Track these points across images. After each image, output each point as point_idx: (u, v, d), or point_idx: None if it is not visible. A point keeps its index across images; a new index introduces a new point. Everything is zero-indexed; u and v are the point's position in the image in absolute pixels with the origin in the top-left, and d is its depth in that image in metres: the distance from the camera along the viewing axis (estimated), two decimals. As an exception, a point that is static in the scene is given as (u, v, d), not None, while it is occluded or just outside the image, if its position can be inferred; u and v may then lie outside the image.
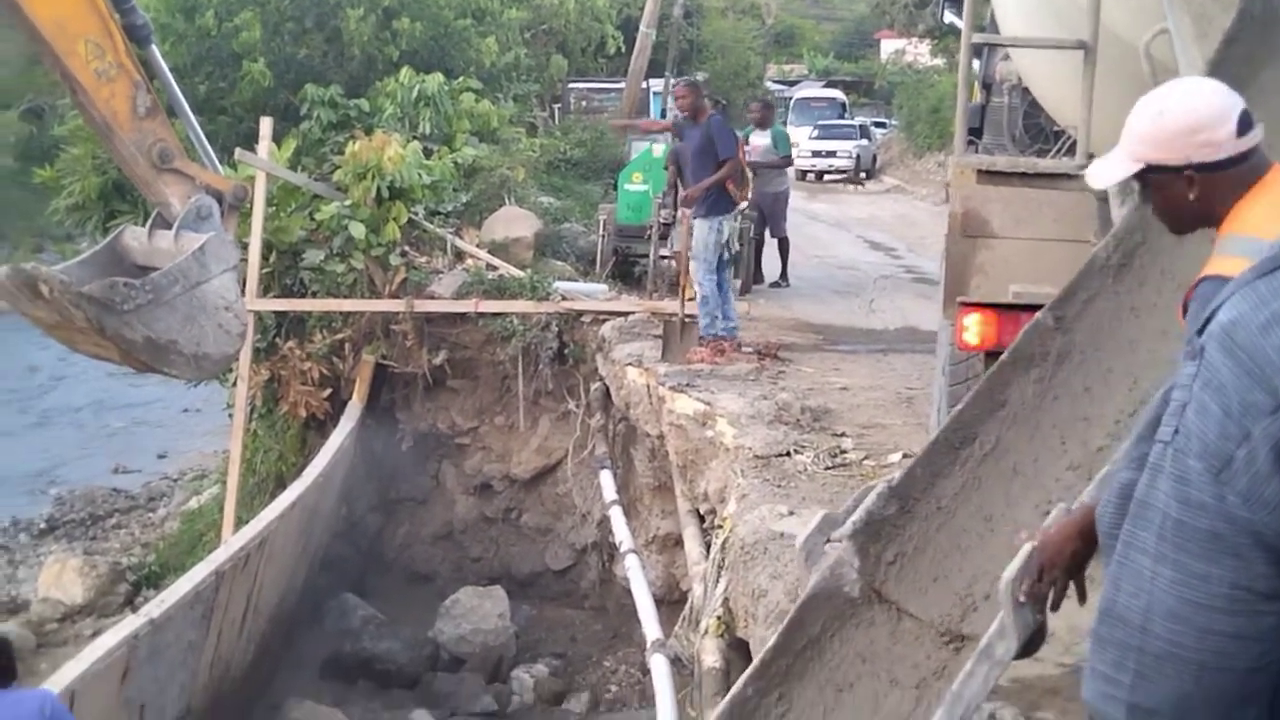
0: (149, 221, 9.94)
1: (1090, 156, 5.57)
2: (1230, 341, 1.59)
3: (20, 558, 15.70)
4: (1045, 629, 3.23)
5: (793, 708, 3.71)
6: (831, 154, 35.91)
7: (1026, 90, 7.60)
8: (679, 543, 10.50)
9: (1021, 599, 3.05)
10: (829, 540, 3.86)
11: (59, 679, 7.19)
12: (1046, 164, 6.02)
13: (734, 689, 3.77)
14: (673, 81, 16.61)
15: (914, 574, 3.83)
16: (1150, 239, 4.20)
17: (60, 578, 14.07)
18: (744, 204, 12.28)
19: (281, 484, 12.95)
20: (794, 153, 19.02)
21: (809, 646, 3.78)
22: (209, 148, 10.41)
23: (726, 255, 11.45)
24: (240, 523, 11.77)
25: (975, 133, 8.04)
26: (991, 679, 3.22)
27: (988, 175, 5.79)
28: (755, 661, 3.80)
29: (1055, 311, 4.13)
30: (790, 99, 43.70)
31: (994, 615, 3.29)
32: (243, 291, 11.29)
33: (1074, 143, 6.10)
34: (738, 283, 14.65)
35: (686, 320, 11.26)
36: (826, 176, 35.40)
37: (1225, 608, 1.50)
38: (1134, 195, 4.26)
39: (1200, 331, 1.69)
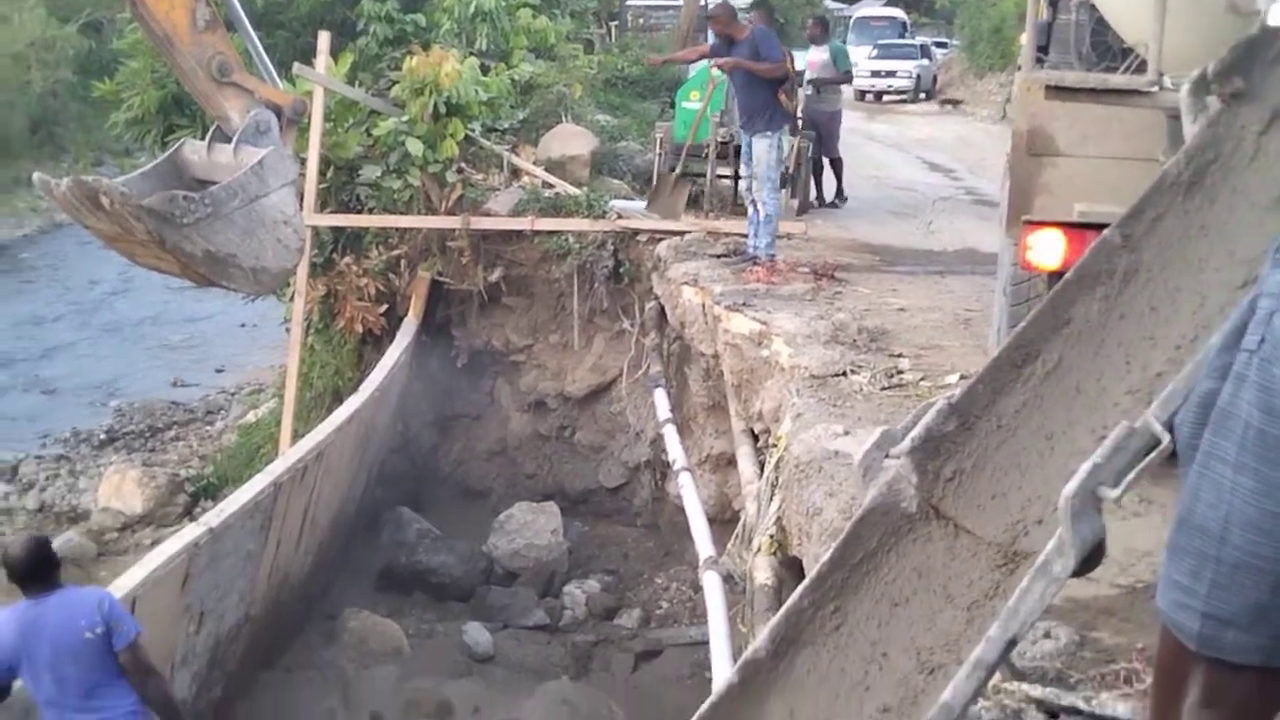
0: (208, 135, 10.01)
1: (1160, 74, 5.46)
2: None
3: (81, 468, 15.96)
4: (1104, 547, 3.21)
5: (847, 620, 3.71)
6: (891, 74, 35.43)
7: (1094, 7, 7.42)
8: (732, 462, 10.53)
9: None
10: (887, 456, 3.84)
11: (120, 584, 7.33)
12: (1118, 80, 5.89)
13: (789, 601, 3.77)
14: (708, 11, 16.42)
15: (972, 491, 3.81)
16: (1222, 157, 4.11)
17: (120, 488, 14.32)
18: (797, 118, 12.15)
19: (338, 399, 13.06)
20: (853, 72, 18.75)
21: (865, 561, 3.76)
22: (268, 62, 10.43)
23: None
24: (297, 436, 11.90)
25: (1042, 50, 7.89)
26: (1048, 596, 3.20)
27: (1055, 91, 5.68)
28: (811, 574, 3.80)
29: (1123, 229, 4.05)
30: (850, 18, 43.07)
31: (1051, 534, 3.27)
32: (300, 206, 11.33)
33: (1143, 61, 5.96)
34: (794, 203, 14.59)
35: (681, 177, 11.19)
36: (886, 97, 34.94)
37: None
38: (1206, 112, 4.17)
39: None
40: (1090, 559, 3.20)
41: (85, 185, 8.67)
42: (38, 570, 5.92)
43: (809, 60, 15.25)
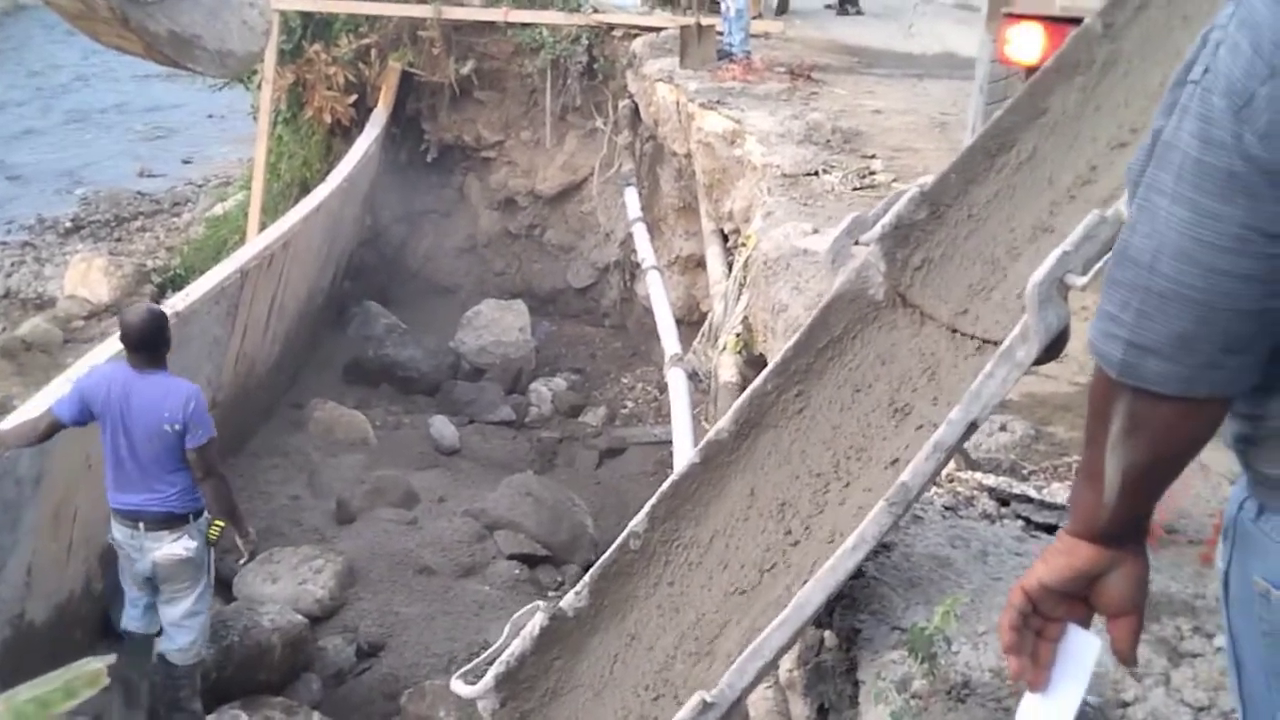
0: (170, -92, 9.64)
1: None
2: None
3: (47, 255, 15.80)
4: (1068, 334, 3.21)
5: (810, 404, 3.73)
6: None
7: None
8: (701, 265, 10.52)
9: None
10: (856, 243, 3.82)
11: (90, 361, 7.31)
12: None
13: (754, 384, 3.78)
14: None
15: (940, 280, 3.80)
16: (1209, -54, 4.02)
17: (86, 277, 14.20)
18: None
19: (305, 189, 12.92)
20: None
21: (830, 346, 3.77)
22: None
23: None
24: (264, 229, 11.79)
25: None
26: (1010, 381, 3.21)
27: (1044, -121, 5.54)
28: (776, 359, 3.80)
29: (1105, 17, 3.98)
30: None
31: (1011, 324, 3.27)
32: (267, -11, 11.01)
33: None
34: (774, 1, 14.31)
35: (703, 24, 11.00)
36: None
37: (1235, 248, 1.49)
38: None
39: None
40: (1054, 346, 3.20)
41: (44, -43, 8.39)
42: (147, 340, 6.11)
43: None
